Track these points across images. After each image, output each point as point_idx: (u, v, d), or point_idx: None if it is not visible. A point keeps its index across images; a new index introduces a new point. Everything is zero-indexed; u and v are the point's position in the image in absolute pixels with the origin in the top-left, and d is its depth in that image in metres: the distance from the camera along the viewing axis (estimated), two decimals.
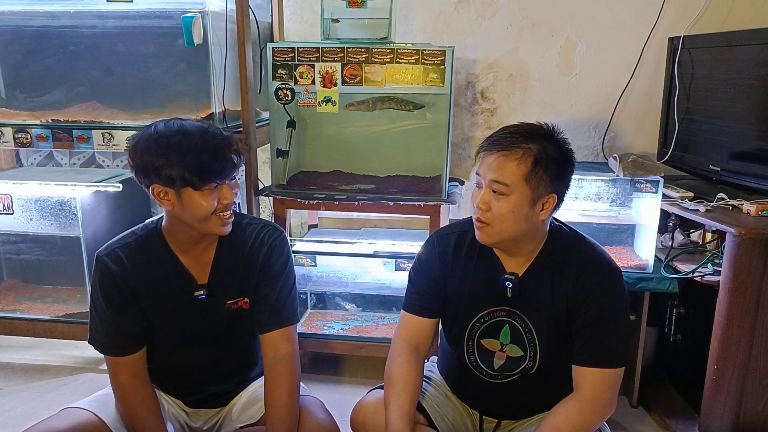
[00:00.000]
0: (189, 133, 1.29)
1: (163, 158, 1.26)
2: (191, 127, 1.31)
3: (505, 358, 1.39)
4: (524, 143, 1.24)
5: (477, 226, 1.30)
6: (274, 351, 1.42)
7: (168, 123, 1.31)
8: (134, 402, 1.38)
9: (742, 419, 1.76)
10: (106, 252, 1.39)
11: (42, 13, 2.11)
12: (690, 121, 2.11)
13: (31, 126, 2.16)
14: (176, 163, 1.26)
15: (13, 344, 2.51)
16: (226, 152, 1.30)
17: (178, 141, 1.27)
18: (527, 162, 1.22)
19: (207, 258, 1.43)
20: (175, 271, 1.41)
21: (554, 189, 1.26)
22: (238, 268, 1.44)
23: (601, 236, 2.16)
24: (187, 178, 1.27)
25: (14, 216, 2.25)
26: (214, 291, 1.42)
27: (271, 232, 1.47)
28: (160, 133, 1.29)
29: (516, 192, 1.23)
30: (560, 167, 1.26)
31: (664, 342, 2.18)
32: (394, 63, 1.96)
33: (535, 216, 1.27)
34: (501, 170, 1.23)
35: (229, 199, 1.34)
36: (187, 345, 1.45)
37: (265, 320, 1.44)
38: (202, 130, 1.31)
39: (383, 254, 2.23)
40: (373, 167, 2.09)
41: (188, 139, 1.28)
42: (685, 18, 2.27)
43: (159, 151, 1.27)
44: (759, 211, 1.73)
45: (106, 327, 1.39)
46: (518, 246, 1.32)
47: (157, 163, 1.27)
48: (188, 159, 1.26)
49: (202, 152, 1.27)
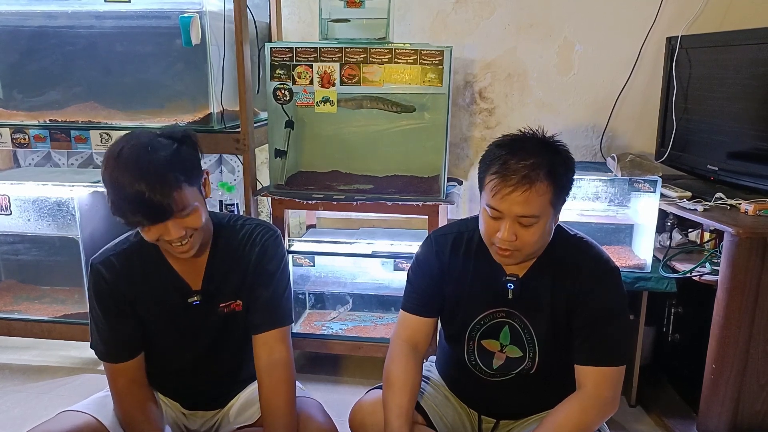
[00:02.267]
0: (122, 184, 1.18)
1: (109, 198, 1.23)
2: (132, 168, 1.19)
3: (505, 359, 1.39)
4: (540, 168, 1.19)
5: (503, 254, 1.26)
6: (269, 354, 1.39)
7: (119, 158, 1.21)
8: (132, 406, 1.38)
9: (740, 418, 1.76)
10: (99, 260, 1.38)
11: (39, 14, 2.11)
12: (688, 121, 2.12)
13: (28, 126, 2.15)
14: (115, 211, 1.22)
15: (10, 345, 2.50)
16: (155, 199, 1.18)
17: (114, 190, 1.20)
18: (550, 189, 1.20)
19: (200, 263, 1.40)
20: (168, 278, 1.39)
21: (567, 196, 1.28)
22: (231, 270, 1.41)
23: (600, 236, 2.16)
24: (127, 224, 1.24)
25: (12, 216, 2.25)
26: (207, 296, 1.41)
27: (263, 232, 1.43)
28: (108, 174, 1.21)
29: (544, 216, 1.22)
30: (571, 177, 1.27)
31: (663, 341, 2.18)
32: (392, 63, 1.96)
33: (554, 225, 1.29)
34: (528, 204, 1.19)
35: (172, 236, 1.25)
36: (182, 348, 1.44)
37: (258, 321, 1.41)
38: (136, 175, 1.18)
39: (382, 254, 2.23)
40: (371, 167, 2.08)
41: (121, 191, 1.19)
42: (683, 18, 2.27)
43: (106, 189, 1.23)
44: (757, 210, 1.73)
45: (103, 334, 1.39)
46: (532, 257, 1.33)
47: (108, 198, 1.24)
48: (123, 210, 1.21)
49: (126, 198, 1.19)
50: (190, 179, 1.26)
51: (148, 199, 1.18)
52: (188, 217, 1.26)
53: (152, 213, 1.21)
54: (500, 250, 1.26)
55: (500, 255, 1.27)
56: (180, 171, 1.23)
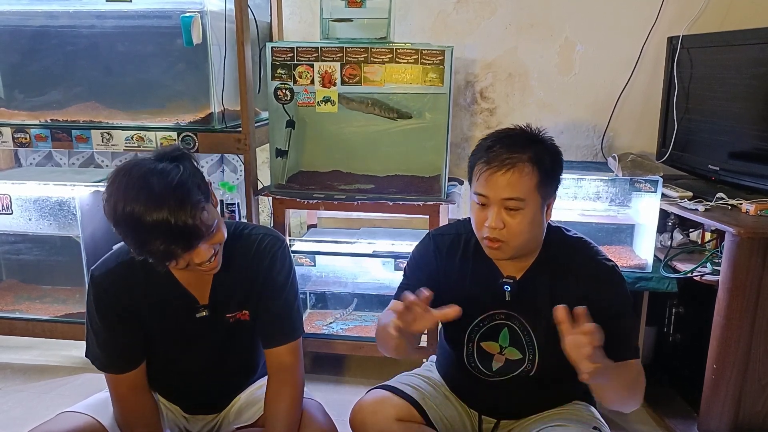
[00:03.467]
0: (141, 218, 1.12)
1: (128, 240, 1.17)
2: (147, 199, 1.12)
3: (504, 361, 1.39)
4: (524, 153, 1.22)
5: (490, 246, 1.26)
6: (278, 363, 1.39)
7: (127, 191, 1.13)
8: (133, 412, 1.37)
9: (741, 418, 1.76)
10: (101, 271, 1.34)
11: (41, 13, 2.11)
12: (689, 121, 2.11)
13: (30, 126, 2.16)
14: (136, 250, 1.17)
15: (12, 344, 2.50)
16: (186, 235, 1.15)
17: (132, 226, 1.13)
18: (536, 172, 1.22)
19: (207, 275, 1.35)
20: (174, 292, 1.36)
21: (555, 189, 1.29)
22: (239, 281, 1.38)
23: (600, 236, 2.16)
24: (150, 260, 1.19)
25: (13, 216, 2.25)
26: (215, 308, 1.38)
27: (272, 241, 1.40)
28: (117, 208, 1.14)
29: (530, 203, 1.23)
30: (557, 166, 1.28)
31: (664, 341, 2.18)
32: (393, 63, 1.96)
33: (544, 219, 1.28)
34: (513, 186, 1.21)
35: (203, 258, 1.22)
36: (186, 356, 1.43)
37: (270, 335, 1.40)
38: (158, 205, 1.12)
39: (382, 254, 2.23)
40: (372, 167, 2.08)
41: (141, 226, 1.12)
42: (684, 18, 2.27)
43: (118, 230, 1.17)
44: (758, 210, 1.73)
45: (103, 345, 1.35)
46: (521, 252, 1.32)
47: (126, 241, 1.19)
48: (146, 248, 1.15)
49: (152, 231, 1.12)
50: (206, 195, 1.22)
51: (176, 226, 1.12)
52: (215, 235, 1.23)
53: (184, 240, 1.15)
54: (489, 241, 1.26)
55: (489, 247, 1.27)
56: (196, 190, 1.18)
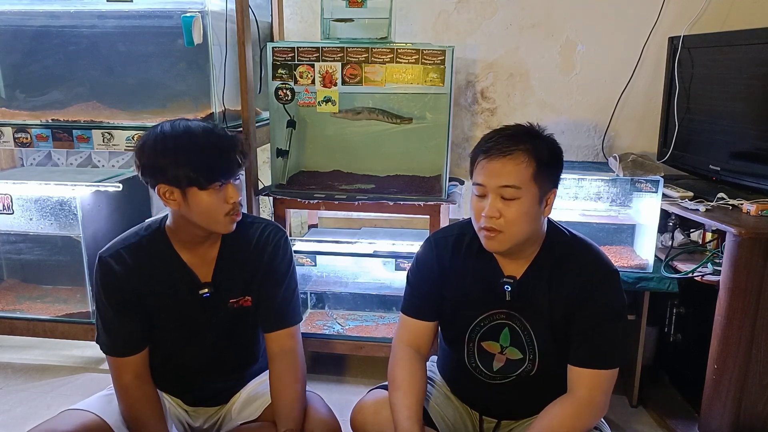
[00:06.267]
0: (195, 133, 1.31)
1: (170, 158, 1.28)
2: (197, 127, 1.33)
3: (505, 361, 1.39)
4: (522, 144, 1.24)
5: (487, 236, 1.27)
6: (280, 347, 1.45)
7: (174, 123, 1.33)
8: (137, 402, 1.38)
9: (742, 419, 1.76)
10: (109, 253, 1.40)
11: (42, 13, 2.11)
12: (690, 121, 2.11)
13: (31, 126, 2.15)
14: (182, 163, 1.28)
15: (13, 344, 2.51)
16: (231, 153, 1.33)
17: (184, 141, 1.29)
18: (532, 161, 1.23)
19: (210, 256, 1.44)
20: (179, 271, 1.41)
21: (554, 184, 1.29)
22: (242, 266, 1.45)
23: (601, 236, 2.16)
24: (193, 178, 1.29)
25: (14, 216, 2.25)
26: (217, 289, 1.43)
27: (274, 231, 1.49)
28: (167, 133, 1.30)
29: (526, 193, 1.23)
30: (557, 161, 1.29)
31: (664, 342, 2.18)
32: (394, 63, 1.96)
33: (541, 214, 1.28)
34: (509, 174, 1.23)
35: (234, 198, 1.35)
36: (189, 342, 1.46)
37: (271, 321, 1.46)
38: (207, 130, 1.33)
39: (383, 254, 2.23)
40: (373, 167, 2.09)
41: (194, 139, 1.30)
42: (685, 18, 2.27)
43: (165, 152, 1.29)
44: (759, 210, 1.73)
45: (109, 327, 1.40)
46: (520, 248, 1.32)
47: (164, 163, 1.29)
48: (194, 159, 1.29)
49: (208, 152, 1.30)
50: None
51: (222, 143, 1.33)
52: (238, 183, 1.38)
53: (227, 159, 1.32)
54: (486, 231, 1.26)
55: (486, 237, 1.28)
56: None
